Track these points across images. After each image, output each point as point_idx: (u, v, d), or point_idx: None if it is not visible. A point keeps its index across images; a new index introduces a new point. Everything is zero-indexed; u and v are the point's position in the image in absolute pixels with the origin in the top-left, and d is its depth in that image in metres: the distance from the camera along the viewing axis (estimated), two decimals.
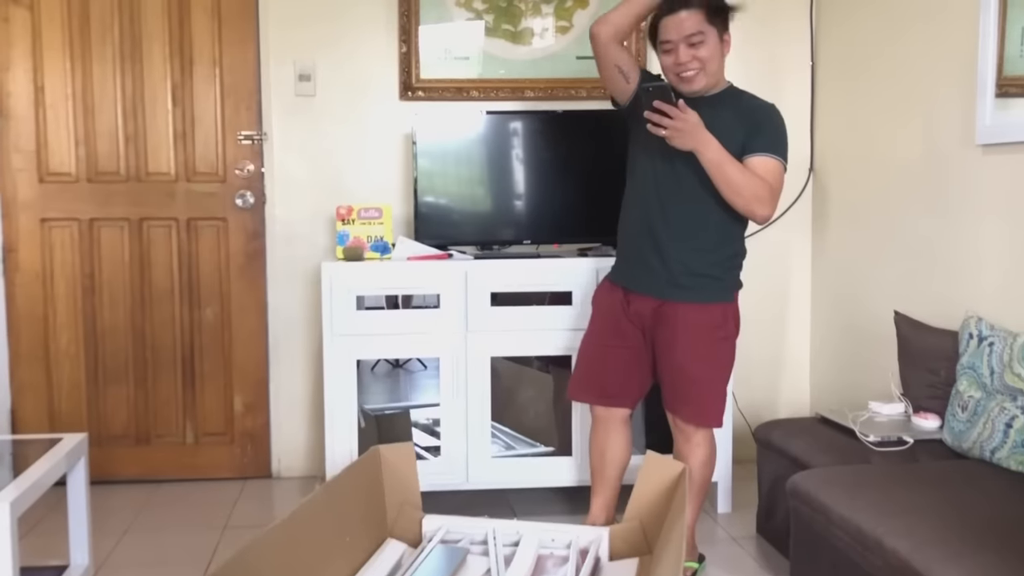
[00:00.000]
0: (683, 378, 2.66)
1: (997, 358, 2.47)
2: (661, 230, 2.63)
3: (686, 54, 2.54)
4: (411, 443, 2.67)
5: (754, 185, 2.52)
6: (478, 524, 2.57)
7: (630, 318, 2.72)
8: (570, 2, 3.65)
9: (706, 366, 2.66)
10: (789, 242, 3.82)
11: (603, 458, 2.85)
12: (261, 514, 3.37)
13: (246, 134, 3.63)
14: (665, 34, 2.56)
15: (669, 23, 2.55)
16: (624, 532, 2.49)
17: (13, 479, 2.24)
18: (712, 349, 2.66)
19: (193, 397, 3.70)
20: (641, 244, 2.68)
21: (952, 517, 2.05)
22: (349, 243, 3.25)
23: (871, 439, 2.66)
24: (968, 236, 2.84)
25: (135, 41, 3.56)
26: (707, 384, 2.68)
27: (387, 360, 3.48)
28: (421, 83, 3.61)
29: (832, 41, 3.65)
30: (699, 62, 2.55)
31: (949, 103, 2.91)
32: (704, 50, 2.54)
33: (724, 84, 2.68)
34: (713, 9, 2.55)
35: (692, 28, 2.52)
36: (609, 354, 2.76)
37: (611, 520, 2.85)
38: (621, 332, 2.73)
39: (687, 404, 2.68)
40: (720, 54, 2.60)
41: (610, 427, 2.82)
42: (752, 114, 2.60)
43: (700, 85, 2.58)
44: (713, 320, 2.65)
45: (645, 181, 2.67)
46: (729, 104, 2.62)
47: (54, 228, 3.60)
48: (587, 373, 2.82)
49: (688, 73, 2.56)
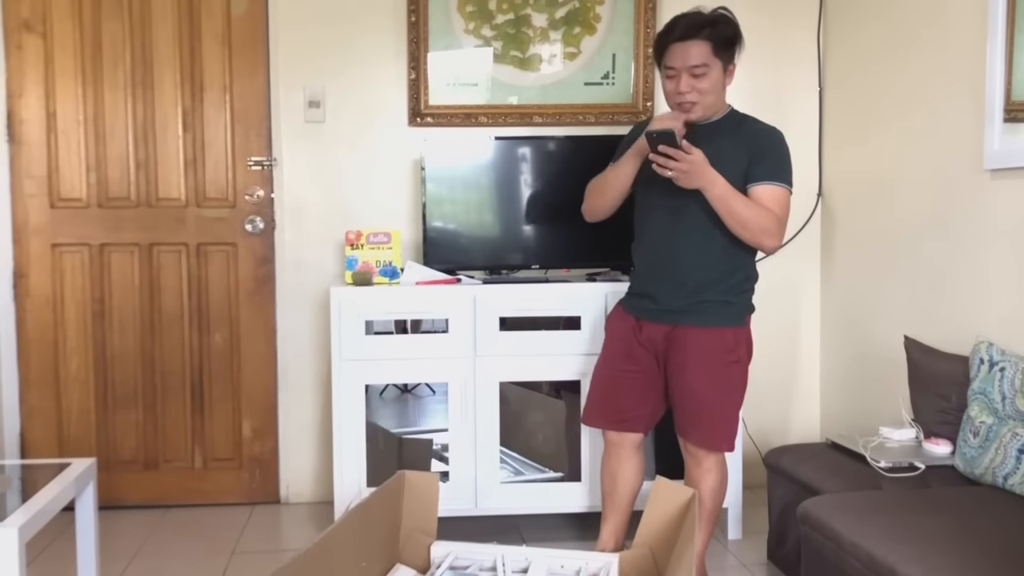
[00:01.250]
0: (694, 402, 2.65)
1: (1008, 383, 2.46)
2: (671, 259, 2.64)
3: (687, 84, 2.56)
4: (436, 474, 2.68)
5: (760, 218, 2.54)
6: (487, 550, 2.56)
7: (643, 344, 2.72)
8: (578, 29, 3.67)
9: (717, 390, 2.65)
10: (798, 267, 3.82)
11: (615, 483, 2.84)
12: (269, 540, 3.36)
13: (256, 160, 3.65)
14: (670, 60, 2.58)
15: (676, 50, 2.56)
16: (634, 559, 2.48)
17: (22, 504, 2.24)
18: (723, 373, 2.66)
19: (202, 422, 3.70)
20: (652, 273, 2.70)
21: (965, 544, 2.03)
22: (358, 268, 3.26)
23: (882, 465, 2.65)
24: (978, 261, 2.83)
25: (146, 68, 3.59)
26: (718, 408, 2.67)
27: (396, 385, 3.48)
28: (430, 109, 3.63)
29: (840, 65, 3.67)
30: (699, 93, 2.57)
31: (957, 128, 2.91)
32: (706, 82, 2.56)
33: (725, 109, 2.69)
34: (722, 42, 2.57)
35: (697, 60, 2.54)
36: (623, 379, 2.76)
37: (620, 546, 2.84)
38: (634, 357, 2.73)
39: (698, 428, 2.67)
40: (722, 85, 2.62)
41: (622, 452, 2.82)
42: (755, 140, 2.61)
43: (697, 115, 2.61)
44: (724, 344, 2.65)
45: (654, 211, 2.69)
46: (731, 130, 2.64)
47: (65, 253, 3.62)
48: (601, 398, 2.82)
49: (687, 102, 2.58)
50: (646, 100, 3.68)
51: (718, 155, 2.53)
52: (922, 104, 3.11)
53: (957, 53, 2.91)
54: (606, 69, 3.69)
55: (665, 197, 2.63)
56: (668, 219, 2.65)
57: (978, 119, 2.79)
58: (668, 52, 2.58)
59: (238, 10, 3.60)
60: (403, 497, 2.57)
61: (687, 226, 2.62)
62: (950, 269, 2.96)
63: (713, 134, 2.61)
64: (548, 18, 3.66)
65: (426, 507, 2.59)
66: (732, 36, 2.60)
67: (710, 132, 2.62)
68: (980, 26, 2.77)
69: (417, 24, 3.58)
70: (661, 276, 2.67)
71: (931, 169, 3.06)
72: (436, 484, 2.63)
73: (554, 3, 3.65)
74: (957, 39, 2.91)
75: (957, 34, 2.91)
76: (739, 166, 2.56)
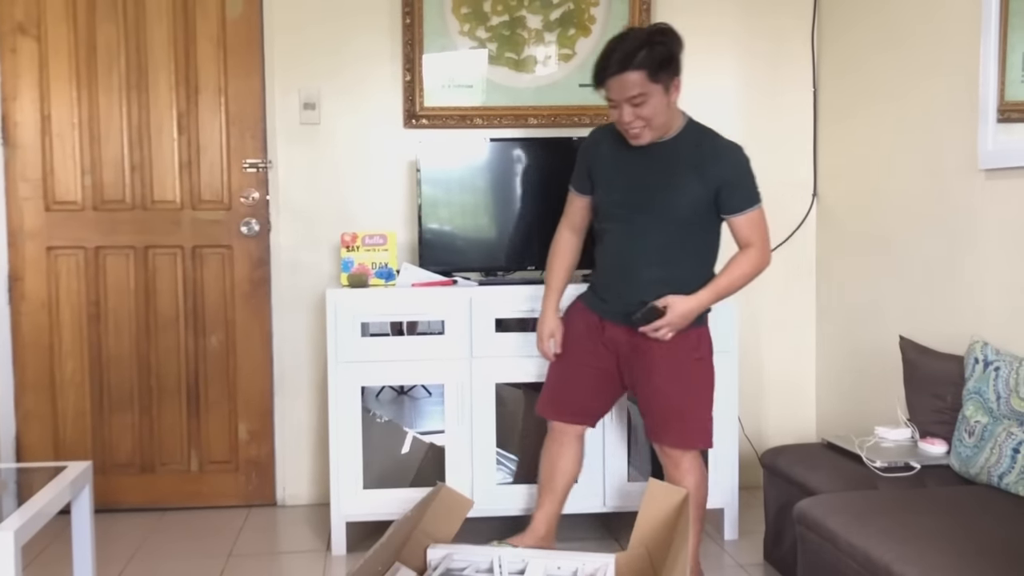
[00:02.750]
0: (665, 403, 2.70)
1: (1003, 383, 2.46)
2: (632, 268, 2.70)
3: (629, 114, 2.57)
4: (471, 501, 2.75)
5: (747, 270, 2.68)
6: (483, 552, 2.56)
7: (604, 342, 2.78)
8: (573, 30, 3.67)
9: (686, 389, 2.71)
10: (793, 267, 3.82)
11: (554, 471, 2.90)
12: (266, 542, 3.36)
13: (251, 162, 3.65)
14: (609, 93, 2.59)
15: (613, 84, 2.55)
16: (630, 560, 2.48)
17: (17, 507, 2.23)
18: (690, 371, 2.72)
19: (198, 425, 3.69)
20: (615, 280, 2.75)
21: (961, 543, 2.04)
22: (354, 270, 3.26)
23: (878, 465, 2.65)
24: (972, 260, 2.84)
25: (141, 71, 3.59)
26: (689, 406, 2.72)
27: (392, 387, 3.47)
28: (425, 111, 3.63)
29: (834, 65, 3.67)
30: (643, 120, 2.57)
31: (952, 128, 2.92)
32: (647, 109, 2.55)
33: (680, 123, 2.68)
34: (658, 65, 2.52)
35: (634, 90, 2.52)
36: (582, 373, 2.82)
37: (552, 533, 2.91)
38: (595, 353, 2.80)
39: (671, 430, 2.72)
40: (666, 105, 2.59)
41: (566, 441, 2.89)
42: (719, 166, 2.62)
43: (647, 140, 2.63)
44: (689, 343, 2.71)
45: (615, 222, 2.75)
46: (690, 147, 2.65)
47: (60, 256, 3.61)
48: (558, 391, 2.88)
49: (633, 131, 2.60)
50: None
51: (676, 171, 2.62)
52: (916, 104, 3.12)
53: (951, 53, 2.92)
54: None
55: (623, 208, 2.70)
56: (628, 229, 2.71)
57: (972, 119, 2.80)
58: (606, 85, 2.58)
59: (233, 12, 3.60)
60: (431, 507, 2.60)
61: (646, 236, 2.68)
62: (945, 269, 2.97)
63: (671, 153, 2.65)
64: (543, 20, 3.66)
65: (448, 522, 2.64)
66: (668, 55, 2.56)
67: (668, 152, 2.66)
68: (974, 26, 2.78)
69: (412, 26, 3.58)
70: (624, 283, 2.71)
71: (925, 169, 3.07)
72: (467, 507, 2.70)
73: (549, 5, 3.66)
74: (951, 39, 2.92)
75: (951, 34, 2.92)
76: (699, 186, 2.61)
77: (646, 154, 2.66)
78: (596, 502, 3.24)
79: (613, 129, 2.72)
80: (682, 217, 2.65)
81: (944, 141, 2.96)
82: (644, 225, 2.67)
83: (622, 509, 3.23)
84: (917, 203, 3.11)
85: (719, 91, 3.77)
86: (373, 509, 3.17)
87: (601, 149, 2.77)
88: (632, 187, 2.68)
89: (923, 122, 3.08)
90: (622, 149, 2.70)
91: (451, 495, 2.70)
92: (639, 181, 2.67)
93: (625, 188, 2.69)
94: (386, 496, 3.17)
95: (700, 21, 3.72)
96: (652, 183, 2.65)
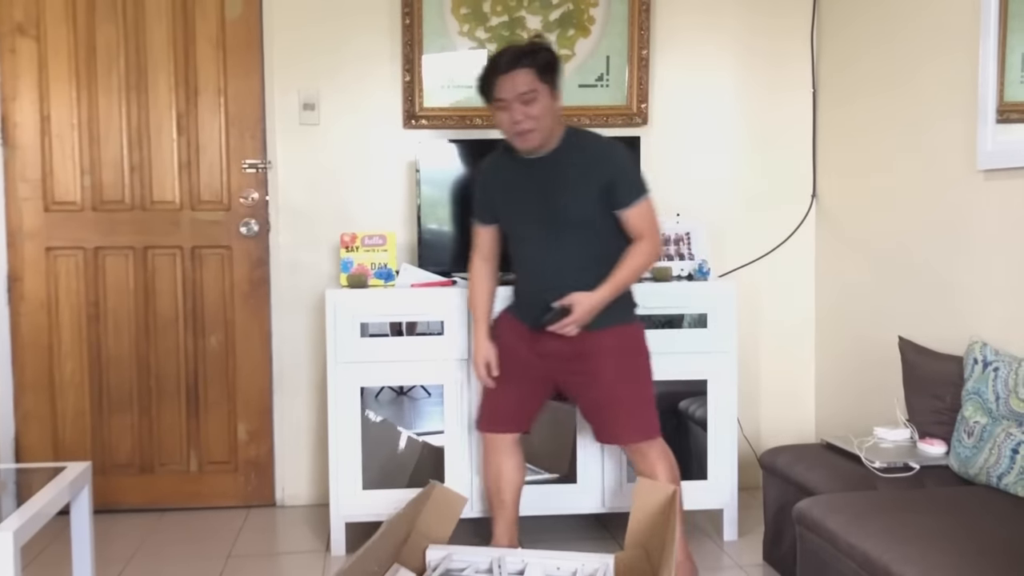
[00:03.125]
0: (615, 402, 2.77)
1: (1002, 383, 2.47)
2: (554, 278, 2.74)
3: (519, 112, 2.63)
4: (465, 498, 2.75)
5: (643, 261, 2.73)
6: (483, 553, 2.56)
7: (538, 352, 2.80)
8: (572, 31, 3.67)
9: (633, 383, 2.79)
10: (792, 268, 3.82)
11: (499, 482, 2.94)
12: (265, 543, 3.36)
13: (250, 162, 3.65)
14: (499, 92, 2.65)
15: (503, 82, 2.63)
16: (629, 560, 2.48)
17: (16, 508, 2.23)
18: (634, 365, 2.80)
19: (197, 425, 3.69)
20: (540, 292, 2.77)
21: (960, 543, 2.04)
22: (353, 270, 3.26)
23: (877, 465, 2.65)
24: (972, 261, 2.84)
25: (141, 71, 3.59)
26: (638, 399, 2.79)
27: (391, 387, 3.47)
28: (424, 111, 3.63)
29: (833, 65, 3.67)
30: (533, 119, 2.64)
31: (951, 129, 2.92)
32: (536, 107, 2.63)
33: (561, 132, 2.75)
34: (544, 67, 2.65)
35: (525, 86, 2.61)
36: (513, 383, 2.87)
37: (516, 540, 2.95)
38: (527, 362, 2.84)
39: (627, 426, 2.79)
40: (552, 110, 2.68)
41: (500, 450, 2.93)
42: (604, 167, 2.70)
43: (536, 141, 2.68)
44: (627, 339, 2.80)
45: (527, 240, 2.80)
46: (574, 153, 2.72)
47: (59, 257, 3.61)
48: (494, 403, 2.92)
49: (523, 128, 2.65)
50: (640, 102, 3.68)
51: (566, 179, 2.69)
52: (915, 105, 3.12)
53: (950, 53, 2.92)
54: (600, 71, 3.69)
55: (531, 226, 2.76)
56: (542, 244, 2.75)
57: (971, 119, 2.80)
58: (496, 86, 2.65)
59: (232, 13, 3.60)
60: (425, 506, 2.60)
61: (559, 247, 2.73)
62: (944, 269, 2.97)
63: (561, 162, 2.72)
64: (542, 20, 3.66)
65: (443, 522, 2.65)
66: (552, 62, 2.68)
67: (558, 162, 2.72)
68: (973, 27, 2.78)
69: (411, 26, 3.58)
70: (550, 295, 2.72)
71: (924, 170, 3.07)
72: (461, 505, 2.70)
73: (548, 5, 3.66)
74: (950, 41, 2.92)
75: (950, 36, 2.92)
76: (592, 188, 2.68)
77: (539, 168, 2.73)
78: (595, 503, 3.24)
79: (501, 157, 2.83)
80: (587, 221, 2.71)
81: (943, 141, 2.96)
82: (554, 237, 2.73)
83: (621, 510, 3.22)
84: (916, 203, 3.12)
85: (718, 90, 3.77)
86: (372, 509, 3.17)
87: (499, 177, 2.84)
88: (534, 203, 2.74)
89: (922, 122, 3.08)
90: (517, 171, 2.78)
91: (444, 493, 2.69)
92: (540, 196, 2.73)
93: (528, 206, 2.75)
94: (385, 496, 3.17)
95: (699, 20, 3.73)
96: (552, 194, 2.71)
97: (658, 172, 3.66)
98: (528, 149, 2.70)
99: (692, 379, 3.24)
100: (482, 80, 2.69)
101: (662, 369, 3.20)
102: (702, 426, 3.25)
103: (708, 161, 3.78)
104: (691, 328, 3.24)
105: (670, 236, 3.43)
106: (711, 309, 3.22)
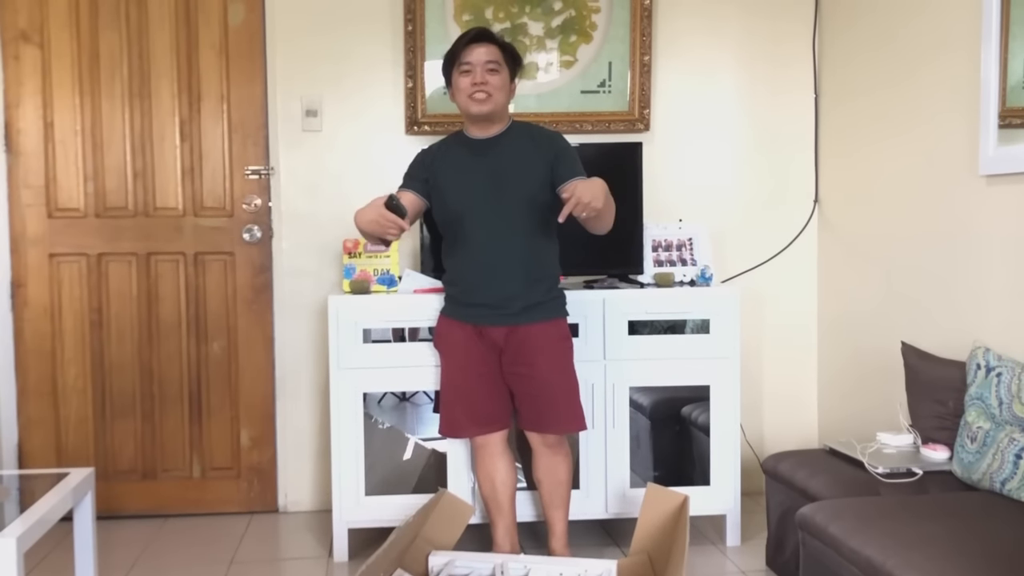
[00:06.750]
0: (548, 392, 2.85)
1: (1005, 388, 2.46)
2: (496, 269, 2.82)
3: (481, 75, 2.78)
4: (473, 506, 2.80)
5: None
6: (486, 559, 2.56)
7: (487, 347, 2.88)
8: (574, 37, 3.68)
9: (564, 375, 2.89)
10: (795, 273, 3.82)
11: (494, 485, 2.97)
12: (267, 549, 3.35)
13: (253, 169, 3.66)
14: (466, 57, 2.81)
15: (473, 49, 2.81)
16: (633, 565, 2.48)
17: (20, 514, 2.24)
18: (566, 359, 2.90)
19: (200, 431, 3.70)
20: (481, 284, 2.85)
21: (963, 549, 2.04)
22: (355, 276, 3.26)
23: (880, 471, 2.65)
24: (974, 266, 2.84)
25: (144, 78, 3.60)
26: (568, 392, 2.89)
27: (393, 393, 3.47)
28: (427, 118, 3.64)
29: (835, 70, 3.68)
30: (493, 88, 2.79)
31: (953, 134, 2.92)
32: (497, 79, 2.81)
33: (508, 120, 2.92)
34: (510, 54, 2.87)
35: (492, 56, 2.81)
36: (479, 384, 2.91)
37: (516, 543, 2.98)
38: (483, 360, 2.90)
39: (557, 418, 2.88)
40: (507, 90, 2.86)
41: (493, 452, 2.97)
42: (550, 145, 2.85)
43: (488, 108, 2.81)
44: (560, 332, 2.90)
45: (470, 231, 2.85)
46: (524, 138, 2.88)
47: (62, 263, 3.62)
48: (463, 408, 2.95)
49: (480, 95, 2.78)
50: (642, 108, 3.68)
51: (519, 156, 2.82)
52: (917, 110, 3.12)
53: (952, 59, 2.92)
54: (602, 77, 3.70)
55: (481, 206, 2.83)
56: (485, 235, 2.83)
57: (973, 125, 2.80)
58: (464, 52, 2.81)
59: (235, 20, 3.61)
60: (433, 513, 2.61)
61: (503, 238, 2.82)
62: (946, 275, 2.97)
63: (509, 145, 2.86)
64: (544, 27, 3.67)
65: (449, 529, 2.66)
66: (517, 58, 2.90)
67: (507, 138, 2.87)
68: (975, 33, 2.78)
69: (414, 33, 3.59)
70: (491, 286, 2.83)
71: (926, 175, 3.07)
72: (468, 514, 2.73)
73: (550, 12, 3.66)
74: (952, 46, 2.92)
75: (952, 41, 2.93)
76: (541, 170, 2.81)
77: (489, 147, 2.86)
78: (598, 508, 3.23)
79: (450, 141, 2.96)
80: (538, 200, 2.81)
81: (946, 147, 2.96)
82: (504, 219, 2.81)
83: (624, 515, 3.23)
84: (918, 208, 3.12)
85: (720, 95, 3.77)
86: (375, 516, 3.16)
87: (448, 157, 2.92)
88: (484, 183, 2.83)
89: (924, 128, 3.08)
90: (466, 153, 2.89)
91: (453, 501, 2.71)
92: (489, 174, 2.83)
93: (477, 186, 2.83)
94: (388, 503, 3.17)
95: (701, 25, 3.74)
96: (501, 172, 2.82)
97: (660, 178, 3.67)
98: (480, 113, 2.80)
99: (695, 385, 3.24)
100: (450, 51, 2.85)
101: (665, 375, 3.21)
102: (705, 432, 3.25)
103: (710, 166, 3.79)
104: (694, 334, 3.24)
105: (672, 242, 3.44)
106: (714, 315, 3.22)
